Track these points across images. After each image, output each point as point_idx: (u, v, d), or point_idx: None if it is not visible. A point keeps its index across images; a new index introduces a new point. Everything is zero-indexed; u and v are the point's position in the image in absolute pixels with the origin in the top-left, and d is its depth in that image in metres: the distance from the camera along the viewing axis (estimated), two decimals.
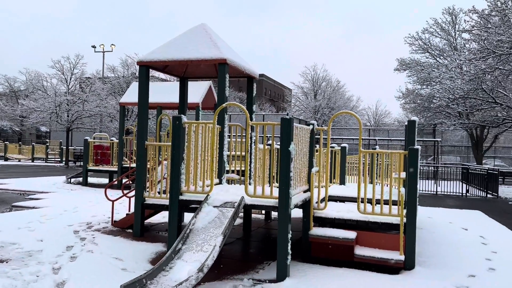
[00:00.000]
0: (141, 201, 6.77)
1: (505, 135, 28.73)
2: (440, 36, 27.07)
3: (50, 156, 34.03)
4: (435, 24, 26.88)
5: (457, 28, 26.21)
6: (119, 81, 31.68)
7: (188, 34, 7.19)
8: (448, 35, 26.74)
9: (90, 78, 34.05)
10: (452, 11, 26.45)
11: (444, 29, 26.78)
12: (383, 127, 47.54)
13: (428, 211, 10.97)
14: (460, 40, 25.69)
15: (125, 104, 15.37)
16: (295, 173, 5.35)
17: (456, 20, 26.32)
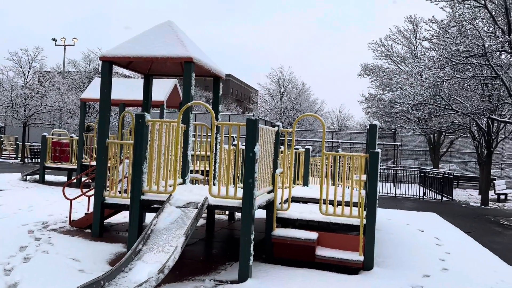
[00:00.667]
0: (101, 200, 6.58)
1: (460, 141, 30.05)
2: (402, 44, 27.98)
3: (4, 152, 32.47)
4: (397, 31, 27.76)
5: (418, 37, 27.18)
6: (80, 76, 30.69)
7: (154, 30, 7.06)
8: (409, 43, 27.67)
9: (50, 72, 32.78)
10: (414, 20, 27.41)
11: (406, 37, 27.70)
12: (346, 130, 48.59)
13: (387, 213, 11.31)
14: (421, 48, 26.64)
15: (87, 100, 14.91)
16: (260, 174, 5.37)
17: (417, 28, 27.28)
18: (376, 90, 28.67)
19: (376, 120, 28.07)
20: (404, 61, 27.39)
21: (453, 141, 26.90)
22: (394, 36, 27.90)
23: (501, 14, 12.52)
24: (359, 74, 29.28)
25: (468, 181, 25.56)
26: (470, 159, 32.64)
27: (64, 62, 33.73)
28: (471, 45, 12.66)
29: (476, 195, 20.15)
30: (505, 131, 18.85)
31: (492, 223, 11.69)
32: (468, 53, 12.73)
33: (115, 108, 21.20)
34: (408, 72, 22.14)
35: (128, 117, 23.96)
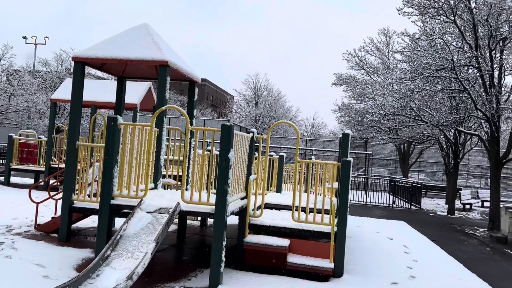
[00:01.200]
0: (69, 204, 6.40)
1: (429, 151, 30.95)
2: (375, 55, 28.66)
3: None
4: (371, 43, 28.42)
5: (390, 49, 27.91)
6: (51, 76, 29.89)
7: (130, 32, 6.97)
8: (382, 54, 28.37)
9: (19, 71, 31.76)
10: (387, 32, 28.15)
11: (379, 49, 28.39)
12: (319, 138, 49.20)
13: (358, 221, 11.48)
14: (393, 60, 27.35)
15: (57, 101, 14.52)
16: (234, 180, 5.35)
17: (390, 41, 28.02)
18: (349, 100, 29.23)
19: (348, 129, 28.56)
20: (377, 72, 28.05)
21: (422, 151, 27.68)
22: (367, 47, 28.55)
23: (469, 30, 13.02)
24: (333, 84, 29.77)
25: (435, 190, 26.30)
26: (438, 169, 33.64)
27: (34, 61, 32.76)
28: (441, 59, 13.09)
29: (443, 204, 20.75)
30: (471, 142, 19.55)
31: (458, 232, 12.05)
32: (438, 67, 13.16)
33: (86, 109, 20.73)
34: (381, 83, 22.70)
35: (100, 119, 23.49)
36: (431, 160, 34.31)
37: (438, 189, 26.26)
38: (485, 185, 30.83)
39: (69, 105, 22.98)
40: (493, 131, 12.81)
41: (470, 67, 13.93)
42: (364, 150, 31.62)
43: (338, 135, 40.34)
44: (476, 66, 12.69)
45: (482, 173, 32.05)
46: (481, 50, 12.66)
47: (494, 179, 13.10)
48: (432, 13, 13.16)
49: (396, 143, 25.16)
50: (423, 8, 13.14)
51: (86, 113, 24.49)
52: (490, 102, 12.45)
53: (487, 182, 29.89)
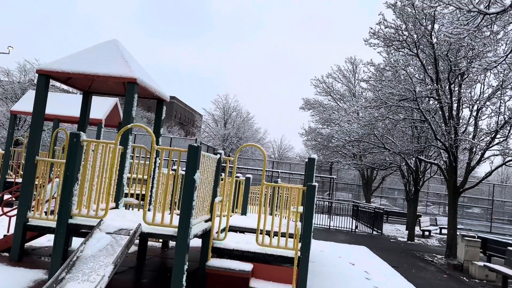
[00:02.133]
0: (23, 222, 6.09)
1: (391, 177, 31.79)
2: (342, 82, 29.54)
3: None
4: (338, 70, 29.31)
5: (356, 77, 28.85)
6: (13, 87, 28.81)
7: (98, 48, 6.86)
8: (348, 82, 29.28)
9: None
10: (354, 61, 29.15)
11: (346, 76, 29.30)
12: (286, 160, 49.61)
13: (321, 245, 11.54)
14: (359, 88, 28.26)
15: (18, 113, 13.98)
16: (198, 202, 5.28)
17: (356, 69, 29.01)
18: (316, 124, 29.83)
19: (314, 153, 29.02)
20: (343, 99, 28.84)
21: (385, 177, 28.44)
22: (335, 74, 29.41)
23: (430, 64, 13.67)
24: (301, 108, 30.34)
25: (397, 216, 26.93)
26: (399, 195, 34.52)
27: None
28: (404, 89, 13.64)
29: (403, 230, 21.23)
30: (431, 171, 20.25)
31: (417, 258, 12.32)
32: (401, 97, 13.70)
33: (48, 123, 20.07)
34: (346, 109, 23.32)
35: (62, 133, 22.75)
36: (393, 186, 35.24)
37: (399, 215, 26.91)
38: (443, 213, 31.89)
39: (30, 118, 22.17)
40: (451, 161, 13.35)
41: (431, 99, 14.58)
42: (329, 174, 32.11)
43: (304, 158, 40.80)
44: (436, 98, 13.30)
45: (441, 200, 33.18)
46: (441, 83, 13.30)
47: (451, 207, 13.57)
48: (396, 45, 13.76)
49: (360, 169, 25.74)
50: (388, 41, 13.73)
51: (48, 127, 23.70)
52: (449, 133, 13.01)
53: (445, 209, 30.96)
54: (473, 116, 13.92)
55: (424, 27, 13.07)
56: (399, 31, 13.49)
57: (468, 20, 6.61)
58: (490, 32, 7.66)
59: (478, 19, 6.52)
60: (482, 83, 13.71)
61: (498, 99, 13.25)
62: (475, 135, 13.59)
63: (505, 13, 6.14)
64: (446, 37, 9.00)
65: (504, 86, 12.60)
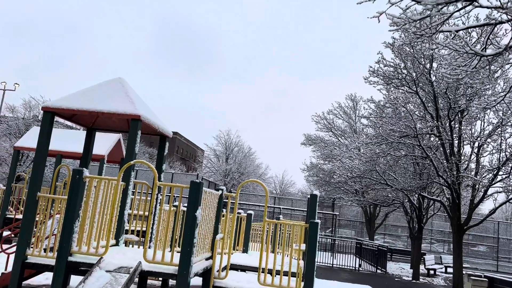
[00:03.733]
0: (22, 259, 6.00)
1: (394, 214, 31.45)
2: (343, 119, 29.83)
3: None
4: (339, 107, 29.66)
5: (357, 113, 29.16)
6: (17, 123, 29.16)
7: (103, 85, 7.00)
8: (349, 118, 29.56)
9: None
10: (354, 97, 29.56)
11: (346, 113, 29.62)
12: (288, 196, 49.29)
13: (324, 284, 11.28)
14: (360, 124, 28.52)
15: (21, 149, 14.07)
16: (200, 239, 5.22)
17: (357, 106, 29.36)
18: (318, 160, 29.87)
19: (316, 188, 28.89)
20: (344, 135, 29.03)
21: (388, 214, 28.15)
22: (335, 111, 29.74)
23: (430, 101, 13.86)
24: (302, 143, 30.49)
25: (400, 254, 26.42)
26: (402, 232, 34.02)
27: (1, 106, 32.06)
28: (404, 126, 13.76)
29: (408, 268, 20.78)
30: (434, 207, 20.08)
31: None
32: (402, 133, 13.80)
33: (51, 158, 20.14)
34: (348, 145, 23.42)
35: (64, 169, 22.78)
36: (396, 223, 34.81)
37: (403, 253, 26.40)
38: (448, 250, 31.31)
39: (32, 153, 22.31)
40: (454, 198, 13.26)
41: (432, 136, 14.68)
42: (331, 211, 31.80)
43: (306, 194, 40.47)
44: (437, 135, 13.38)
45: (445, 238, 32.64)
46: (442, 120, 13.43)
47: (456, 245, 13.34)
48: (396, 83, 14.01)
49: (362, 205, 25.52)
50: (387, 79, 13.99)
51: (50, 162, 23.77)
52: (451, 169, 13.00)
53: (450, 247, 30.40)
54: (474, 153, 13.95)
55: (423, 66, 13.36)
56: (398, 69, 13.78)
57: (465, 62, 6.78)
58: (488, 74, 7.83)
59: (475, 61, 6.68)
60: (482, 120, 13.84)
61: (498, 136, 13.33)
62: (477, 171, 13.57)
63: (501, 55, 6.30)
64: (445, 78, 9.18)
65: (504, 124, 12.71)
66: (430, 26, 6.00)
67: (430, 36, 6.25)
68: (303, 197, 41.33)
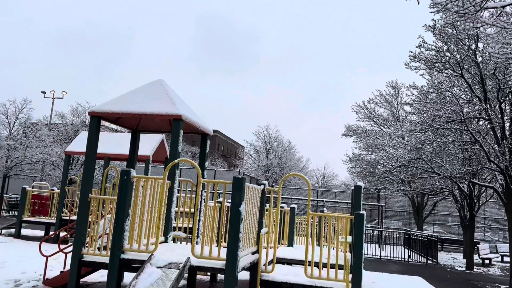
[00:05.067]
0: (78, 258, 6.32)
1: (444, 203, 30.34)
2: (384, 107, 29.02)
3: None
4: (379, 95, 28.88)
5: (399, 101, 28.28)
6: (67, 129, 30.65)
7: (145, 88, 7.21)
8: (391, 106, 28.72)
9: (36, 123, 32.68)
10: (395, 85, 28.67)
11: (388, 101, 28.79)
12: (331, 189, 48.74)
13: (373, 276, 11.09)
14: (402, 112, 27.65)
15: (72, 153, 14.79)
16: (245, 234, 5.28)
17: (399, 93, 28.47)
18: (360, 151, 29.27)
19: (360, 180, 28.37)
20: (387, 124, 28.25)
21: (436, 203, 27.17)
22: (376, 99, 28.99)
23: (477, 83, 13.20)
24: (343, 135, 29.99)
25: (452, 244, 25.46)
26: (453, 221, 32.76)
27: (51, 114, 33.81)
28: (450, 111, 13.19)
29: (460, 258, 20.00)
30: (487, 194, 19.17)
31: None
32: (448, 119, 13.23)
33: (99, 161, 21.03)
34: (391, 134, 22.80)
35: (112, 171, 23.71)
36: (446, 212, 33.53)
37: (454, 243, 25.44)
38: (503, 239, 29.82)
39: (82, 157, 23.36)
40: (508, 183, 12.59)
41: (481, 119, 13.98)
42: (377, 202, 31.13)
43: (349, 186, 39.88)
44: (486, 118, 12.74)
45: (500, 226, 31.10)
46: (490, 102, 12.77)
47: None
48: (439, 67, 13.45)
49: (409, 195, 24.78)
50: (430, 63, 13.46)
51: (99, 165, 24.81)
52: (503, 154, 12.34)
53: (506, 235, 28.92)
54: None
55: (467, 47, 12.74)
56: (440, 52, 13.22)
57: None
58: None
59: None
60: None
61: None
62: None
63: None
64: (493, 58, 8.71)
65: None
66: (473, 4, 5.71)
67: (474, 14, 5.94)
68: (347, 189, 40.71)
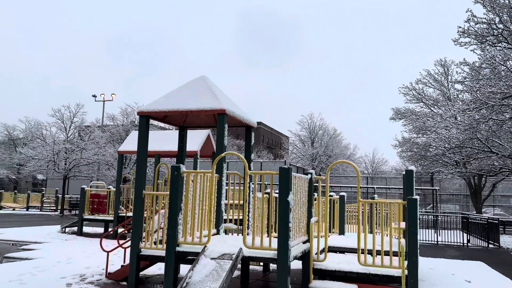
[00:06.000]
0: (136, 252, 6.62)
1: (504, 184, 28.71)
2: (434, 87, 27.78)
3: (45, 204, 33.58)
4: (428, 75, 27.66)
5: (449, 79, 26.96)
6: (118, 130, 31.99)
7: (189, 85, 7.37)
8: (441, 85, 27.44)
9: (90, 126, 34.39)
10: (444, 63, 27.33)
11: (437, 80, 27.52)
12: (381, 175, 47.57)
13: (430, 262, 10.74)
14: (453, 90, 26.35)
15: (124, 153, 15.43)
16: (294, 224, 5.29)
17: (448, 71, 27.13)
18: (410, 134, 28.24)
19: (411, 164, 27.44)
20: (437, 104, 27.05)
21: (496, 184, 25.74)
22: (424, 79, 27.80)
23: None
24: (391, 118, 29.07)
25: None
26: None
27: (103, 116, 35.39)
28: (506, 86, 12.42)
29: None
30: None
31: None
32: (504, 95, 12.47)
33: (150, 159, 21.79)
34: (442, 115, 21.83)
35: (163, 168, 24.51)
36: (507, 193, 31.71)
37: None
38: None
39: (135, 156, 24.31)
40: None
41: None
42: (430, 186, 30.00)
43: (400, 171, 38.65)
44: None
45: None
46: None
47: None
48: (491, 40, 12.69)
49: (465, 177, 23.65)
50: (481, 37, 12.72)
51: (150, 163, 25.73)
52: None
53: None
54: None
55: None
56: (492, 25, 12.45)
57: None
58: None
59: None
60: None
61: None
62: None
63: None
64: None
65: None
66: None
67: None
68: (398, 175, 39.54)
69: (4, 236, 13.43)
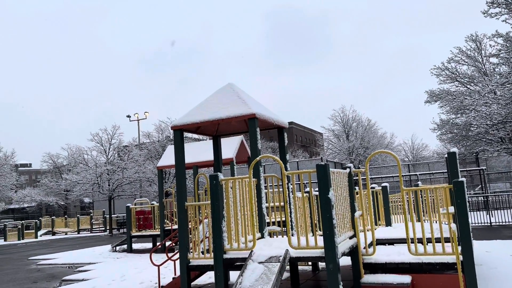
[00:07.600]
0: (186, 263, 6.72)
1: None
2: (467, 64, 26.72)
3: (94, 226, 34.81)
4: (459, 52, 26.66)
5: (483, 54, 25.87)
6: (154, 146, 32.77)
7: (216, 94, 7.45)
8: (475, 61, 26.37)
9: (127, 146, 35.42)
10: (476, 37, 26.24)
11: (470, 56, 26.47)
12: (423, 161, 46.15)
13: (485, 245, 10.31)
14: (489, 65, 25.25)
15: (163, 168, 15.77)
16: (338, 220, 5.22)
17: (481, 46, 26.03)
18: (448, 115, 27.27)
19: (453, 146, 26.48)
20: (473, 81, 26.01)
21: None
22: (457, 57, 26.82)
23: None
24: (426, 102, 28.20)
25: None
26: None
27: (139, 135, 36.36)
28: None
29: None
30: None
31: None
32: None
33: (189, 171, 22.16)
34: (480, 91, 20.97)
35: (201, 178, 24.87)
36: None
37: None
38: None
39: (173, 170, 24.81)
40: None
41: None
42: (476, 166, 28.82)
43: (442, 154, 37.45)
44: None
45: None
46: None
47: None
48: None
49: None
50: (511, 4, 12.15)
51: (189, 174, 26.17)
52: None
53: None
54: None
55: None
56: None
57: None
58: None
59: None
60: None
61: None
62: None
63: None
64: None
65: None
66: None
67: None
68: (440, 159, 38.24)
69: (60, 260, 14.03)
